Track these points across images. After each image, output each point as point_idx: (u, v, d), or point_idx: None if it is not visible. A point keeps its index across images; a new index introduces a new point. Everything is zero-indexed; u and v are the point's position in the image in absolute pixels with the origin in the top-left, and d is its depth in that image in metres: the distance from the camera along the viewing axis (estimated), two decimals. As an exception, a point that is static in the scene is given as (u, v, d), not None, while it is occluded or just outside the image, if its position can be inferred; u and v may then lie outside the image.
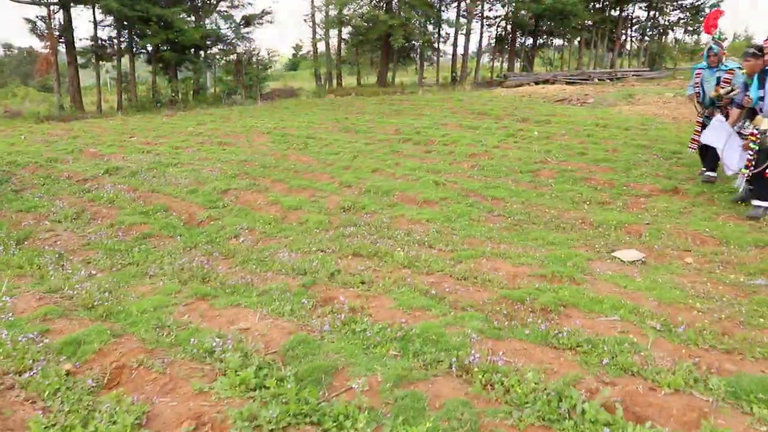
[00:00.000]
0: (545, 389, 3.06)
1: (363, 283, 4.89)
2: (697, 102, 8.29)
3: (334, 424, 2.88)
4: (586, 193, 7.79)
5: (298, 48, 58.44)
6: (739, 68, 7.50)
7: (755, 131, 6.59)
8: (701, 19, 37.77)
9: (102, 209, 7.83)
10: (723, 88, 7.70)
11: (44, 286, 5.30)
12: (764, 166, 6.48)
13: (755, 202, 6.62)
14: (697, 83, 8.16)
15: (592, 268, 5.22)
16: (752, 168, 6.63)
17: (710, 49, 7.94)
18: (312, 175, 9.41)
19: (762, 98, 6.56)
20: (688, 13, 38.48)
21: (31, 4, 26.70)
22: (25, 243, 6.65)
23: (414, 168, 9.60)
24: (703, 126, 8.01)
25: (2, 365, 3.72)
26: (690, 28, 38.94)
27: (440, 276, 5.04)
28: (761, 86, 6.56)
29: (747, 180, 6.83)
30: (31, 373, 3.55)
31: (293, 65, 61.19)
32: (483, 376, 3.25)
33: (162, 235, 6.85)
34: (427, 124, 14.11)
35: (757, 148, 6.57)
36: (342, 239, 6.23)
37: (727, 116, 7.43)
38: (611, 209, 7.13)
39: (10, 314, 4.53)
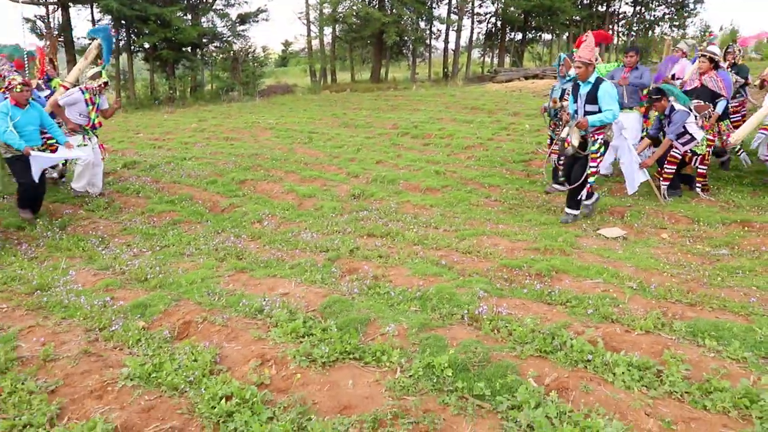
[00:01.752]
0: (541, 331, 3.79)
1: (381, 256, 5.61)
2: (547, 115, 8.32)
3: (373, 358, 3.60)
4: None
5: (287, 44, 58.75)
6: None
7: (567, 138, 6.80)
8: (686, 14, 38.68)
9: (130, 199, 8.50)
10: (559, 100, 7.80)
11: (95, 265, 5.99)
12: (582, 179, 6.63)
13: (566, 210, 6.91)
14: (550, 95, 8.27)
15: (579, 243, 5.97)
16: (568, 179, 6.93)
17: (558, 58, 8.13)
18: (320, 166, 10.12)
19: (577, 112, 6.69)
20: (673, 9, 39.34)
21: (30, 3, 27.21)
22: (68, 229, 7.31)
23: (415, 159, 10.33)
24: (551, 139, 8.09)
25: (85, 324, 4.42)
26: (675, 24, 39.77)
27: (447, 251, 5.77)
28: (575, 100, 6.72)
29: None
30: (112, 329, 4.24)
31: (282, 62, 61.48)
32: (490, 323, 3.98)
33: (191, 220, 7.54)
34: (423, 119, 14.82)
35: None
36: (356, 222, 6.95)
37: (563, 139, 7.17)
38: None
39: (79, 285, 5.23)
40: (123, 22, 27.64)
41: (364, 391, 3.24)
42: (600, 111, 6.43)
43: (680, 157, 7.40)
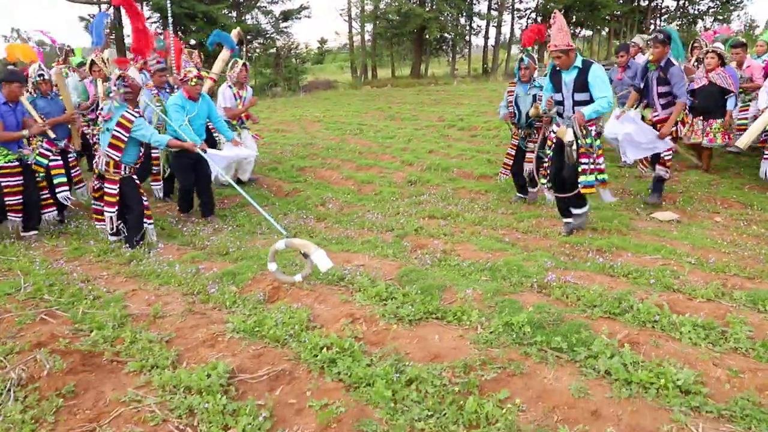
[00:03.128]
0: (608, 296, 4.08)
1: (445, 234, 5.96)
2: (512, 123, 7.34)
3: (455, 317, 3.94)
4: (624, 168, 8.75)
5: (323, 42, 59.22)
6: None
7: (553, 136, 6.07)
8: (732, 8, 38.03)
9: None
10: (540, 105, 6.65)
11: (176, 241, 6.46)
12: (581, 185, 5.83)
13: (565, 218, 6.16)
14: (510, 102, 7.17)
15: (634, 224, 6.22)
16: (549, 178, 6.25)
17: (521, 60, 7.07)
18: (374, 155, 10.50)
19: (561, 102, 5.88)
20: (718, 2, 38.74)
21: (84, 3, 28.24)
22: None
23: (465, 149, 10.62)
24: (518, 149, 7.25)
25: (181, 289, 4.86)
26: (720, 17, 39.15)
27: (508, 230, 6.09)
28: (557, 90, 5.87)
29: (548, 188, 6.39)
30: (210, 292, 4.67)
31: (319, 58, 62.01)
32: (559, 290, 4.29)
33: (258, 203, 7.95)
34: (467, 112, 15.08)
35: (551, 153, 6.16)
36: (416, 205, 7.31)
37: (544, 138, 6.68)
38: (647, 181, 8.07)
39: (170, 255, 5.68)
40: (171, 19, 28.52)
41: (451, 344, 3.58)
42: (592, 99, 5.62)
43: None
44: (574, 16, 36.47)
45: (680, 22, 40.37)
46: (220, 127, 7.34)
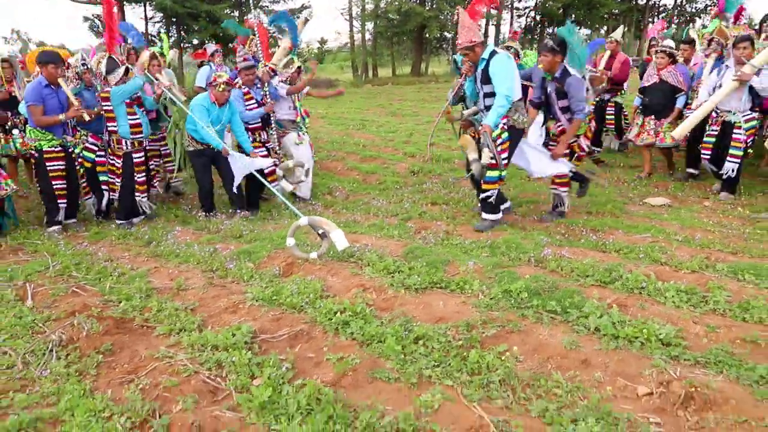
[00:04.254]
0: (600, 268, 4.41)
1: (448, 217, 6.28)
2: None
3: (458, 286, 4.27)
4: (619, 158, 9.08)
5: (323, 42, 59.52)
6: None
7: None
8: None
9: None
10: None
11: (191, 226, 6.76)
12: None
13: (483, 215, 5.94)
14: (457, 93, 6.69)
15: (627, 209, 6.55)
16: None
17: (454, 62, 6.90)
18: (377, 148, 10.83)
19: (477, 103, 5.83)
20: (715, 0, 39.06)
21: (87, 3, 28.55)
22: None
23: (465, 142, 10.94)
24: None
25: (199, 266, 5.18)
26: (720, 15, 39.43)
27: (507, 213, 6.40)
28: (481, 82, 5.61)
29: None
30: (228, 267, 4.99)
31: (319, 58, 62.18)
32: (554, 263, 4.62)
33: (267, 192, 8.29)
34: (468, 108, 15.39)
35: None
36: (419, 193, 7.63)
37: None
38: (641, 169, 8.38)
39: (187, 237, 6.01)
40: (174, 19, 28.85)
41: (454, 308, 3.90)
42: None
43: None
44: (572, 15, 36.79)
45: (678, 21, 40.72)
46: (241, 137, 6.97)
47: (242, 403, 2.90)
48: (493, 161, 5.46)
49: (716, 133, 6.98)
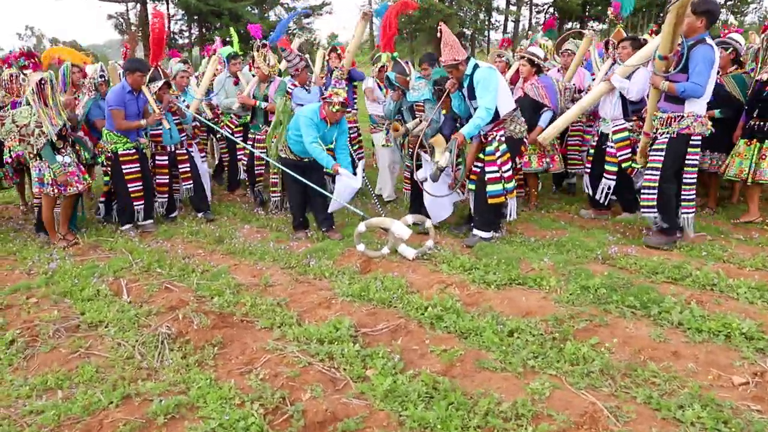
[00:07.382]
0: (668, 265, 4.64)
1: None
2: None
3: (535, 283, 4.51)
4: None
5: (333, 37, 59.42)
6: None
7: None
8: (749, 1, 38.17)
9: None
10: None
11: (255, 224, 7.02)
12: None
13: (474, 231, 5.74)
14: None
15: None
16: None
17: (387, 79, 6.35)
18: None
19: (439, 122, 5.90)
20: (734, -5, 38.91)
21: (111, 1, 28.96)
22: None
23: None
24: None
25: (276, 264, 5.44)
26: (735, 11, 39.31)
27: (560, 212, 6.64)
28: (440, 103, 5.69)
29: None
30: (309, 264, 5.25)
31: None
32: (623, 260, 4.86)
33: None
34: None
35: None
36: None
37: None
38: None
39: (258, 235, 6.28)
40: (196, 17, 29.23)
41: (537, 303, 4.15)
42: None
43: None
44: (591, 10, 36.79)
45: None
46: (341, 155, 6.13)
47: (366, 392, 3.16)
48: (447, 167, 5.43)
49: (595, 144, 6.37)
